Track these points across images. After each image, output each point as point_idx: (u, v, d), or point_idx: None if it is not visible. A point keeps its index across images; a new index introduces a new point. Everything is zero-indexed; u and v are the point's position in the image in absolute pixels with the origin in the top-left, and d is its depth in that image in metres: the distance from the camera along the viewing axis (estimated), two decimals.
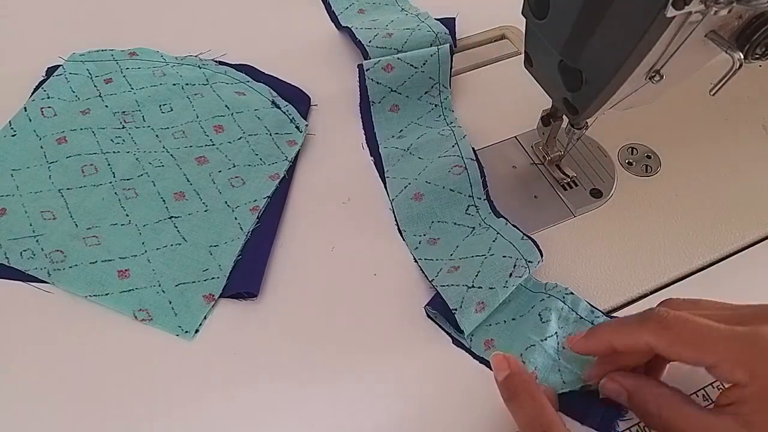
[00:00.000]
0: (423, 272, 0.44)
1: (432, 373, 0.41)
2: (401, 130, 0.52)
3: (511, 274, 0.42)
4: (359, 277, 0.45)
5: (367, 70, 0.54)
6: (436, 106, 0.53)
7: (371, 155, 0.51)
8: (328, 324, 0.43)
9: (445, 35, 0.58)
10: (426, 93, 0.53)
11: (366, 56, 0.56)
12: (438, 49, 0.54)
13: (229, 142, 0.51)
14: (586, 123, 0.44)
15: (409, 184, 0.48)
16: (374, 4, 0.64)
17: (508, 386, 0.36)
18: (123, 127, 0.52)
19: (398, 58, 0.54)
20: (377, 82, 0.53)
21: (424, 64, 0.54)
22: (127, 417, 0.38)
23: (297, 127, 0.53)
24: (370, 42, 0.57)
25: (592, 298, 0.43)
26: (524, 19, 0.41)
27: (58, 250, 0.44)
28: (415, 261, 0.45)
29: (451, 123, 0.52)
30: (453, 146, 0.50)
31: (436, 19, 0.60)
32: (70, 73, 0.55)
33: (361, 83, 0.54)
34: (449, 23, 0.59)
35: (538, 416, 0.34)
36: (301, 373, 0.40)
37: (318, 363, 0.41)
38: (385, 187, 0.49)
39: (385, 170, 0.50)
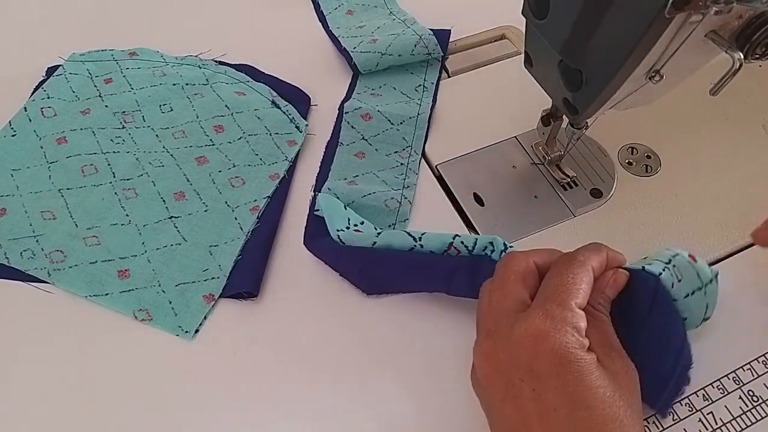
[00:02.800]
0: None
1: (433, 371, 0.41)
2: (356, 176, 0.50)
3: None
4: None
5: (345, 113, 0.53)
6: (401, 164, 0.51)
7: (314, 190, 0.49)
8: (328, 324, 0.43)
9: (429, 36, 0.57)
10: (395, 152, 0.51)
11: (350, 61, 0.57)
12: (418, 114, 0.54)
13: (229, 142, 0.51)
14: (586, 123, 0.44)
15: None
16: (363, 5, 0.64)
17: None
18: (123, 127, 0.52)
19: (378, 111, 0.53)
20: (352, 126, 0.53)
21: (401, 123, 0.53)
22: (126, 417, 0.38)
23: (297, 127, 0.53)
24: (354, 48, 0.57)
25: None
26: (524, 19, 0.41)
27: (58, 250, 0.44)
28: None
29: (407, 188, 0.49)
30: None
31: (431, 29, 0.59)
32: (70, 73, 0.55)
33: (336, 123, 0.53)
34: (444, 34, 0.59)
35: None
36: (301, 373, 0.40)
37: (318, 363, 0.41)
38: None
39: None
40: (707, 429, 0.39)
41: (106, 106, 0.53)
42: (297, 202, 0.49)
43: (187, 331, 0.42)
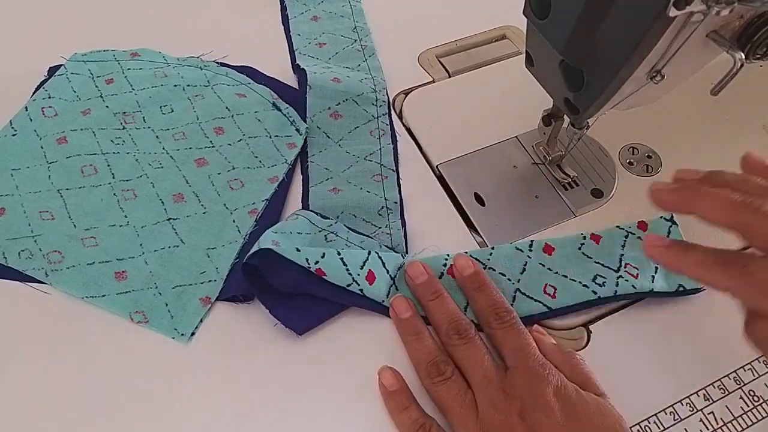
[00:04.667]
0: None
1: None
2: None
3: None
4: None
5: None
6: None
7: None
8: (324, 327, 0.42)
9: (380, 81, 0.57)
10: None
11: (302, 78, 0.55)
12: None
13: (229, 144, 0.51)
14: (587, 123, 0.44)
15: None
16: (330, 14, 0.63)
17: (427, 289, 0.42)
18: (123, 128, 0.52)
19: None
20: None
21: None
22: (123, 418, 0.38)
23: (297, 130, 0.53)
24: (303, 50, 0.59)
25: None
26: (525, 19, 0.41)
27: (55, 251, 0.44)
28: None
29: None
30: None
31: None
32: (72, 73, 0.55)
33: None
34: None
35: (457, 312, 0.41)
36: (298, 376, 0.40)
37: (315, 365, 0.41)
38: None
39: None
40: (708, 429, 0.39)
41: (107, 106, 0.53)
42: (295, 205, 0.49)
43: (183, 334, 0.41)
